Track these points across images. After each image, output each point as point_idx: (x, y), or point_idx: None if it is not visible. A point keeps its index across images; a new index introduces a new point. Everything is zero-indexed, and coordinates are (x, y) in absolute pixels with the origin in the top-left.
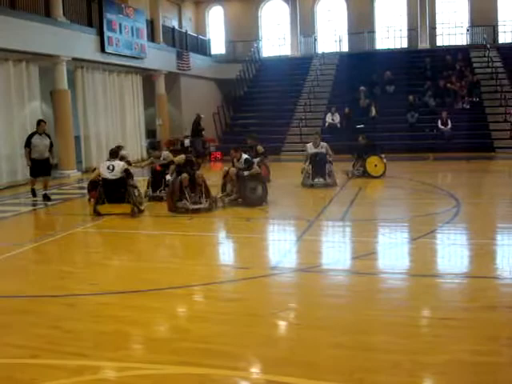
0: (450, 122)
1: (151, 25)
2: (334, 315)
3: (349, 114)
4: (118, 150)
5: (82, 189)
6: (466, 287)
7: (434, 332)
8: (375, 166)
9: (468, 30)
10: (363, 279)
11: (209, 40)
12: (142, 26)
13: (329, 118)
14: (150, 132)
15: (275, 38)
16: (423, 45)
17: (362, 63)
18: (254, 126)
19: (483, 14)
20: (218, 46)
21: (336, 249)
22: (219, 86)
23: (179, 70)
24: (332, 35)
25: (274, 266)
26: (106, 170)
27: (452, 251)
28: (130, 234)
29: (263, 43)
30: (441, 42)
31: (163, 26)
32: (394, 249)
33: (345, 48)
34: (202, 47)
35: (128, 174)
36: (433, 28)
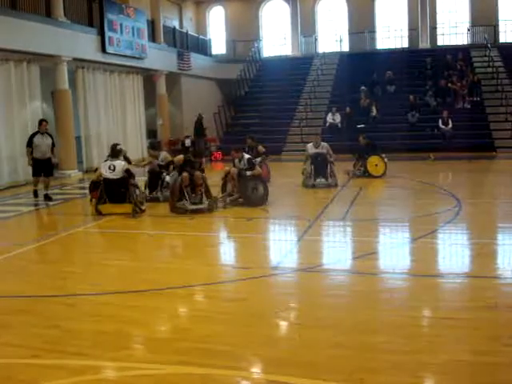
0: (450, 121)
1: (152, 25)
2: (335, 315)
3: (349, 114)
4: (116, 148)
5: (83, 189)
6: (467, 287)
7: (434, 332)
8: (376, 165)
9: (469, 30)
10: (364, 279)
11: (209, 40)
12: (142, 26)
13: (329, 118)
14: (151, 132)
15: (276, 37)
16: (424, 44)
17: (362, 63)
18: (254, 126)
19: (484, 14)
20: (219, 46)
21: (337, 249)
22: (220, 85)
23: (180, 70)
24: (332, 35)
25: (275, 266)
26: (107, 170)
27: (453, 251)
28: (131, 234)
29: (264, 43)
30: (441, 41)
31: (164, 26)
32: (395, 249)
33: (345, 48)
34: (203, 47)
35: (129, 173)
36: (433, 28)
